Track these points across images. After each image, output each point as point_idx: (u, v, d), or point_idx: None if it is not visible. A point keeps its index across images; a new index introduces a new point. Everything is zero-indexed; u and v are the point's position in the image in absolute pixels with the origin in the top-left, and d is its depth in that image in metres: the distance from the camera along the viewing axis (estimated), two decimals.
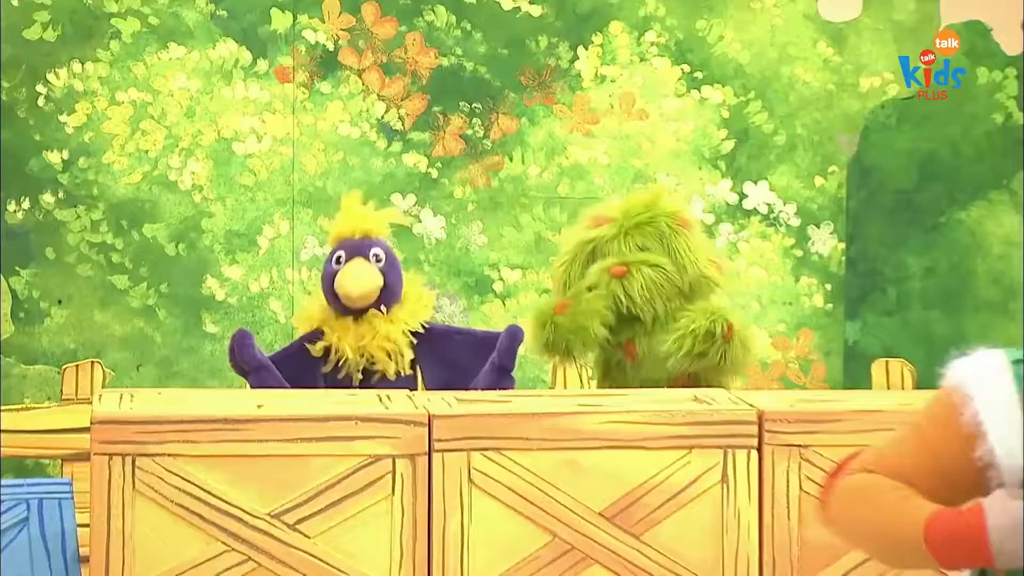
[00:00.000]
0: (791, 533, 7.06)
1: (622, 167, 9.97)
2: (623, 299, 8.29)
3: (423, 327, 8.47)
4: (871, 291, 10.16)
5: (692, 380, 8.55)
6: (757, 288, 10.16)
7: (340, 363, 8.32)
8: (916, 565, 5.06)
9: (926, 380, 9.34)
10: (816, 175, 10.11)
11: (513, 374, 8.62)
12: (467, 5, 9.96)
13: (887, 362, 9.54)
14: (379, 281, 8.42)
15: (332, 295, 8.35)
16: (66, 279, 9.59)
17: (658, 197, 8.58)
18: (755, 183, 10.13)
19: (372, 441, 6.86)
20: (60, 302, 9.55)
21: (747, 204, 10.16)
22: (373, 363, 8.40)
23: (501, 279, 9.98)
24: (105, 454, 6.73)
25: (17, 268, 9.43)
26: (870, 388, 9.64)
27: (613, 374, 8.52)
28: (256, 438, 6.89)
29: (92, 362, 9.05)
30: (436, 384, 8.39)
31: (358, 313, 8.35)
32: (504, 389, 8.35)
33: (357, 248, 8.35)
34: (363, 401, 7.33)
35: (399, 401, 7.17)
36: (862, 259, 10.16)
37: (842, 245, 10.22)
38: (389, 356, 8.41)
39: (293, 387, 8.44)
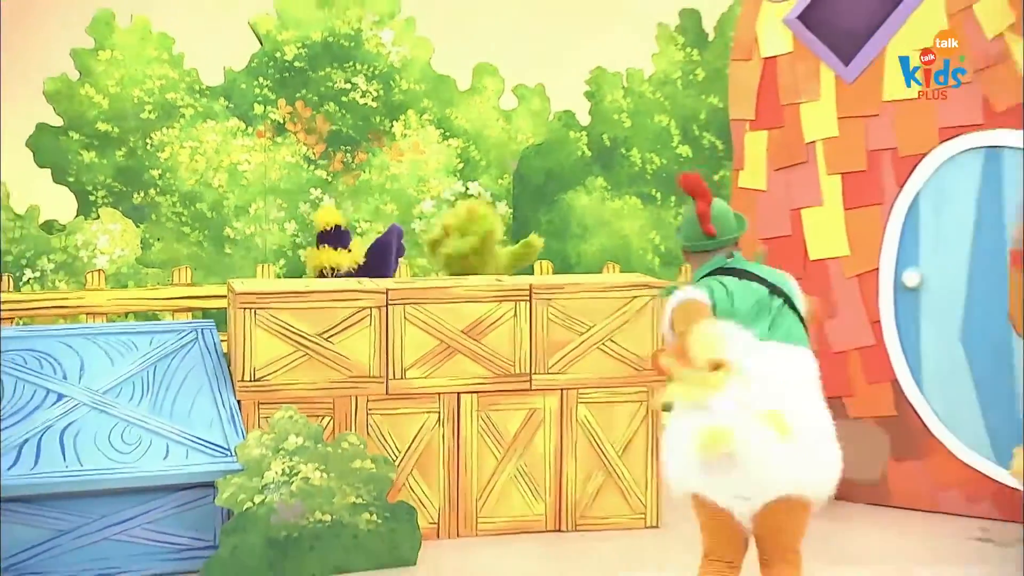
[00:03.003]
0: (545, 337, 7.37)
1: (413, 176, 9.88)
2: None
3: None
4: (525, 232, 9.63)
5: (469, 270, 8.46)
6: None
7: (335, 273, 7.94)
8: None
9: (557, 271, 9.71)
10: (499, 179, 10.07)
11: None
12: (343, 101, 9.77)
13: (542, 263, 9.15)
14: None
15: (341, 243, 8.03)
16: (161, 230, 9.45)
17: (475, 211, 8.22)
18: (472, 182, 10.08)
19: (362, 299, 7.16)
20: (159, 239, 9.39)
21: (470, 192, 10.13)
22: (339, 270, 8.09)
23: (361, 228, 9.90)
24: (242, 308, 7.02)
25: (139, 225, 9.37)
26: None
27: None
28: (310, 300, 7.11)
29: (186, 268, 8.70)
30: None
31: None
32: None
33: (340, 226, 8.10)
34: (351, 283, 7.46)
35: (368, 284, 7.39)
36: (519, 217, 10.13)
37: (511, 210, 10.21)
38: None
39: None
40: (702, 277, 5.22)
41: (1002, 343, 7.64)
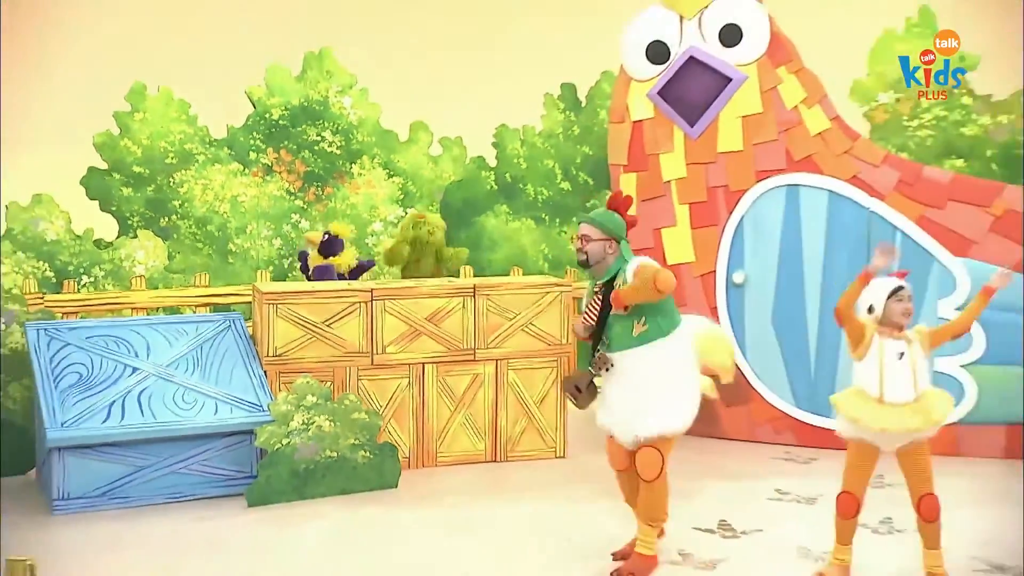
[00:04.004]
0: (484, 322, 7.49)
1: (367, 205, 9.54)
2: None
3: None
4: (451, 244, 9.17)
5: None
6: None
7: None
8: None
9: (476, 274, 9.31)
10: (429, 206, 9.72)
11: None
12: (315, 150, 9.44)
13: (464, 267, 9.03)
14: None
15: (330, 251, 8.10)
16: (181, 245, 9.08)
17: (416, 215, 8.33)
18: (410, 208, 9.59)
19: (354, 296, 7.25)
20: (180, 252, 9.04)
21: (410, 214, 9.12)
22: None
23: None
24: (267, 303, 7.10)
25: (165, 242, 8.90)
26: None
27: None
28: (316, 296, 7.22)
29: (205, 274, 8.61)
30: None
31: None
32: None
33: (338, 236, 8.18)
34: (344, 284, 7.51)
35: (358, 285, 7.47)
36: (445, 234, 9.09)
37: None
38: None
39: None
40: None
41: (798, 324, 7.90)
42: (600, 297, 5.21)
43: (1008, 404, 7.39)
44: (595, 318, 5.17)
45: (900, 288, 5.09)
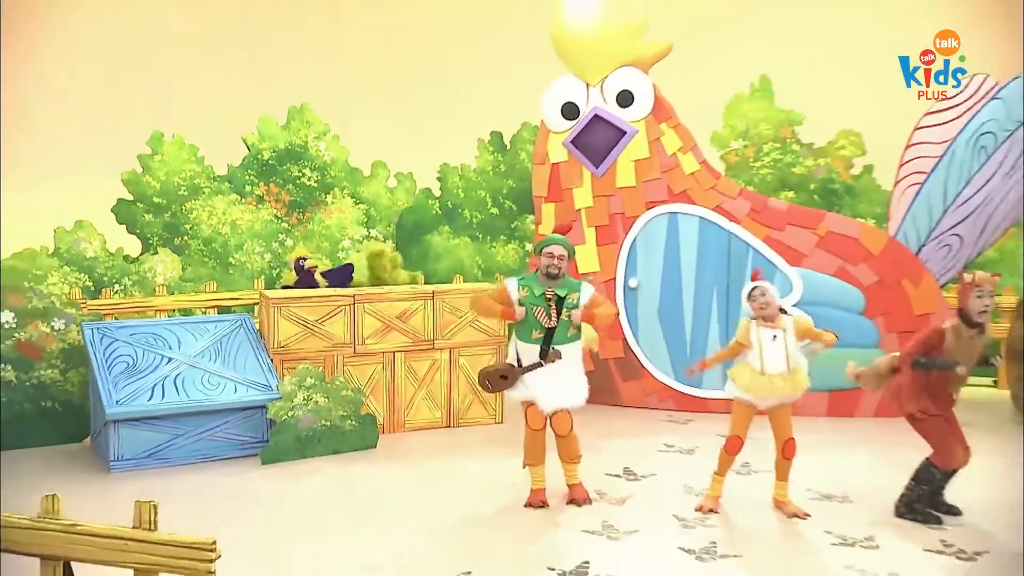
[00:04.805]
0: (441, 319, 7.49)
1: (338, 226, 9.46)
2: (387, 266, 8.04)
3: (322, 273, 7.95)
4: (405, 258, 9.18)
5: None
6: None
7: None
8: None
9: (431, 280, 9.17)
10: (388, 227, 9.60)
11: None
12: (297, 183, 9.38)
13: (417, 275, 8.39)
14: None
15: (304, 271, 7.83)
16: (191, 260, 8.95)
17: (385, 249, 8.07)
18: (373, 229, 9.52)
19: (339, 300, 7.29)
20: (189, 265, 8.87)
21: (371, 235, 9.54)
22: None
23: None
24: (272, 306, 7.14)
25: (179, 256, 8.73)
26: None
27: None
28: (310, 301, 7.26)
29: (213, 281, 8.58)
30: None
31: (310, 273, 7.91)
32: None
33: (303, 259, 7.91)
34: (332, 291, 7.44)
35: (341, 291, 7.43)
36: (400, 250, 9.27)
37: (394, 245, 9.49)
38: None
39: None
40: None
41: (677, 317, 8.14)
42: (554, 305, 5.54)
43: (829, 375, 7.76)
44: (555, 323, 5.52)
45: (753, 289, 5.45)
